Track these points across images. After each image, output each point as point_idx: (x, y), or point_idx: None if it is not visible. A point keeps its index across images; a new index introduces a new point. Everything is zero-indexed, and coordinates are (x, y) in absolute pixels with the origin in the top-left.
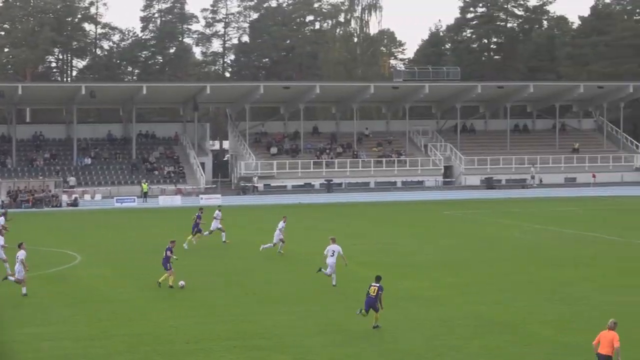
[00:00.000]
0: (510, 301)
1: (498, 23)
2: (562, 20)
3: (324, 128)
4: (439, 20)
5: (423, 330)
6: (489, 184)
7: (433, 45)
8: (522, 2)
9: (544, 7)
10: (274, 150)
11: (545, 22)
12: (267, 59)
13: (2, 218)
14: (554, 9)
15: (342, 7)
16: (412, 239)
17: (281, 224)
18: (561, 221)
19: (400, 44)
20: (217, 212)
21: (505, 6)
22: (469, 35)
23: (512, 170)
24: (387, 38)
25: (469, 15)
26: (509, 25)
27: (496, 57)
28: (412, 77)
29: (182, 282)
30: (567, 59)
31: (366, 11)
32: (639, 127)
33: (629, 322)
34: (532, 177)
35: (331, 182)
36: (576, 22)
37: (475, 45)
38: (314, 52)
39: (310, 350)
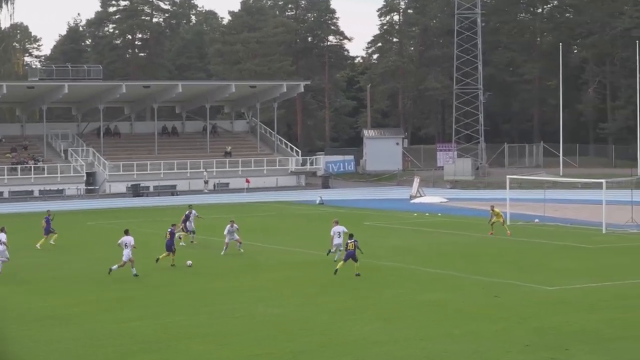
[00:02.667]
0: (164, 316)
1: (143, 17)
2: (211, 15)
3: None
4: (78, 14)
5: (68, 351)
6: (136, 191)
7: (72, 41)
8: None
9: (192, 1)
10: None
11: (193, 17)
12: None
13: None
14: (203, 4)
15: None
16: (55, 253)
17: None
18: (213, 229)
19: (36, 40)
20: (191, 211)
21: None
22: (112, 30)
23: (160, 176)
24: (21, 33)
25: (111, 9)
26: (154, 20)
27: (141, 54)
28: (50, 76)
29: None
30: (217, 57)
31: None
32: (293, 128)
33: (282, 332)
34: (206, 182)
35: None
36: (226, 18)
37: (118, 42)
38: None
39: None
